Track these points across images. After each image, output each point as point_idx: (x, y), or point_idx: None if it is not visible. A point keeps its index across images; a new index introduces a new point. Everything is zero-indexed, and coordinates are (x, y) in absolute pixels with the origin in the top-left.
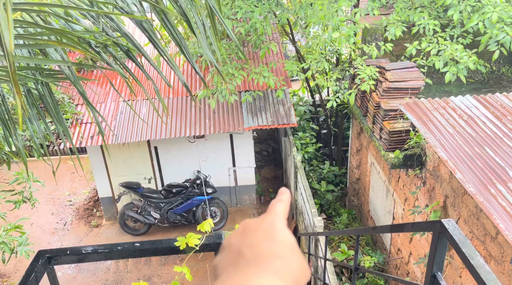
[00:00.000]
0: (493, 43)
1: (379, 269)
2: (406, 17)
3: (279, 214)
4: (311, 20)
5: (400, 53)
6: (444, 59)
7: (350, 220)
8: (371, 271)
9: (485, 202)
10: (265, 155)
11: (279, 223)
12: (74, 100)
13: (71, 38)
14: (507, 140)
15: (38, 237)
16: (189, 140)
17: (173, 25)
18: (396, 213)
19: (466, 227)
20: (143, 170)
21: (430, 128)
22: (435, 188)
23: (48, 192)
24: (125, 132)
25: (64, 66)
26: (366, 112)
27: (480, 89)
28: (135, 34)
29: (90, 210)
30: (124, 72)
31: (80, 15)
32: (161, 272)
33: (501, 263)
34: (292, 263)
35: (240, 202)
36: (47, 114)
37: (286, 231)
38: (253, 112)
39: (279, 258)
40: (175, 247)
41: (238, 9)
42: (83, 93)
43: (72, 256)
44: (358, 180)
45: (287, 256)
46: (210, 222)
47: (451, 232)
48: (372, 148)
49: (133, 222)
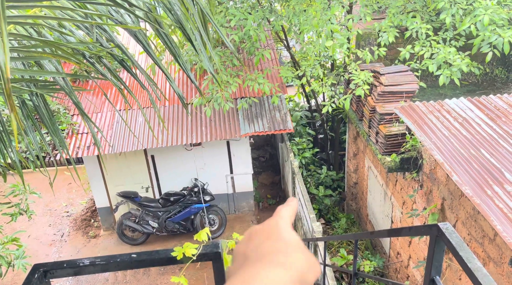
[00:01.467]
0: (486, 45)
1: (379, 273)
2: (399, 21)
3: (284, 217)
4: (304, 28)
5: (394, 57)
6: (438, 62)
7: (349, 224)
8: (370, 276)
9: (482, 204)
10: (263, 161)
11: (283, 224)
12: (70, 110)
13: (65, 50)
14: (502, 141)
15: (36, 249)
16: (186, 148)
17: (167, 34)
18: (394, 217)
19: (464, 229)
20: (140, 179)
21: (426, 131)
22: (432, 191)
23: (45, 203)
24: (121, 142)
25: (58, 77)
26: (362, 117)
27: (474, 91)
28: (130, 43)
29: (87, 221)
30: (118, 83)
31: (74, 26)
32: (160, 281)
33: (500, 264)
34: (298, 258)
35: (239, 209)
36: (43, 125)
37: (290, 230)
38: (250, 119)
39: (283, 253)
40: (173, 257)
41: (232, 17)
42: (77, 104)
43: (69, 269)
44: (355, 184)
45: (292, 251)
46: (207, 231)
47: (448, 236)
48: (369, 152)
49: (131, 231)
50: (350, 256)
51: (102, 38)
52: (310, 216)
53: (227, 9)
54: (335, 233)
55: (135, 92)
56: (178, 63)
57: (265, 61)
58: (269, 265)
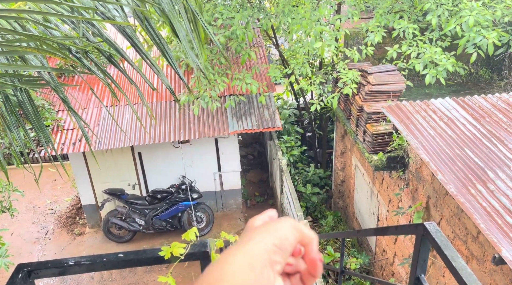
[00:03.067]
0: (471, 46)
1: (365, 270)
2: (387, 21)
3: (252, 219)
4: (293, 28)
5: (381, 56)
6: (424, 61)
7: (336, 222)
8: (356, 274)
9: (466, 202)
10: (251, 159)
11: (251, 222)
12: (55, 106)
13: (50, 44)
14: (486, 141)
15: (19, 247)
16: (174, 145)
17: (155, 30)
18: (380, 214)
19: (448, 227)
20: (127, 176)
21: (412, 131)
22: (418, 189)
23: (28, 200)
24: (108, 138)
25: (44, 72)
26: (350, 115)
27: (459, 91)
28: (117, 37)
29: (72, 218)
30: (106, 78)
31: (59, 20)
32: (147, 279)
33: (482, 262)
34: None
35: (226, 206)
36: (27, 121)
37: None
38: (238, 116)
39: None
40: (160, 257)
41: (219, 15)
42: (64, 99)
43: (53, 269)
44: (343, 182)
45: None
46: (195, 231)
47: (433, 235)
48: (356, 150)
49: (117, 229)
50: (337, 253)
51: (88, 33)
52: (297, 214)
53: (215, 7)
54: (322, 231)
55: (123, 87)
56: (166, 59)
57: (252, 60)
58: (236, 252)
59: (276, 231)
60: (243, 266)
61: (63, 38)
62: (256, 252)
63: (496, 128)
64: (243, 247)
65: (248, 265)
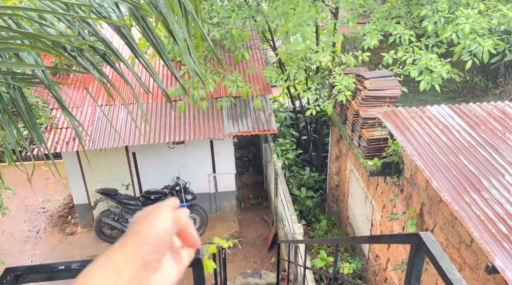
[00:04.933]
0: (466, 53)
1: (357, 276)
2: (383, 26)
3: (139, 212)
4: (285, 28)
5: (378, 62)
6: (419, 68)
7: (330, 226)
8: (350, 281)
9: (460, 210)
10: (246, 161)
11: (137, 214)
12: (49, 104)
13: (45, 42)
14: (480, 149)
15: (9, 245)
16: (168, 146)
17: (150, 29)
18: (374, 220)
19: (441, 235)
20: (121, 176)
21: (407, 137)
22: (412, 196)
23: (20, 198)
24: (102, 138)
25: (38, 70)
26: (345, 120)
27: (454, 98)
28: (113, 36)
29: (64, 217)
30: (101, 77)
31: (54, 18)
32: None
33: (475, 270)
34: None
35: (220, 208)
36: (19, 119)
37: None
38: (234, 118)
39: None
40: None
41: (215, 14)
42: (58, 98)
43: (42, 274)
44: (337, 186)
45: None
46: None
47: (428, 246)
48: (351, 155)
49: (109, 229)
50: (330, 258)
51: (84, 31)
52: (291, 217)
53: (211, 6)
54: (316, 235)
55: (118, 86)
56: (162, 59)
57: (250, 61)
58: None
59: (153, 227)
60: (110, 276)
61: (58, 36)
62: (128, 257)
63: (490, 136)
64: (114, 255)
65: (116, 274)
